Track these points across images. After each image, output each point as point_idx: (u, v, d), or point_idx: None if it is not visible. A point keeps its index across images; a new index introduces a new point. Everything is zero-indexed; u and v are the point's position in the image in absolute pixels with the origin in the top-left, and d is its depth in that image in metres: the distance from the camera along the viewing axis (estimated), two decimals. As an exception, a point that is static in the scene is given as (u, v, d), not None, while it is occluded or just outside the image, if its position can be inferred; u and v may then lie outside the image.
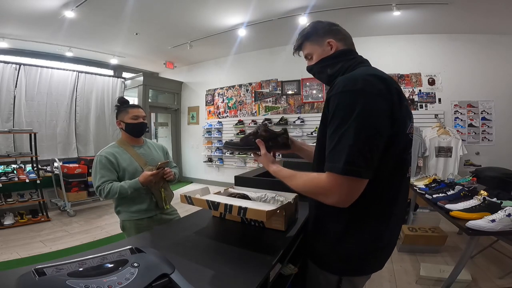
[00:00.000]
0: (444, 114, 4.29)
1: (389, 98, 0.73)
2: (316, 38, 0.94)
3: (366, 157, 0.69)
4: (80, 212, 4.27)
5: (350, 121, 0.68)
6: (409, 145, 0.83)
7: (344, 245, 0.83)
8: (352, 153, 0.67)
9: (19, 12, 3.55)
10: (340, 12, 3.62)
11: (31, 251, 2.85)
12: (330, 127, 0.73)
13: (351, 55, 0.92)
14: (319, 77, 0.98)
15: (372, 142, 0.70)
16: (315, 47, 0.95)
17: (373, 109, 0.70)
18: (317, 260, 0.92)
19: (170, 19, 4.07)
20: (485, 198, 1.90)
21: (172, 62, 6.37)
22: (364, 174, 0.68)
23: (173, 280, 0.55)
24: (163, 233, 1.12)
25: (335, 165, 0.69)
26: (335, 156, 0.70)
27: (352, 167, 0.68)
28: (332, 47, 0.92)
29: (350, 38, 0.96)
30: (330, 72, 0.92)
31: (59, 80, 5.00)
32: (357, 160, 0.68)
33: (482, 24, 3.88)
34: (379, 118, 0.71)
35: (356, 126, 0.68)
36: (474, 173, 3.28)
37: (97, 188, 1.54)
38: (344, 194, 0.71)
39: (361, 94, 0.70)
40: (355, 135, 0.68)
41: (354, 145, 0.68)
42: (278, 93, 5.44)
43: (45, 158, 4.59)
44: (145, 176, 1.54)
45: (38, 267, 0.53)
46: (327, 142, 0.74)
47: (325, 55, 0.92)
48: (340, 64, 0.89)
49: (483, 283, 2.11)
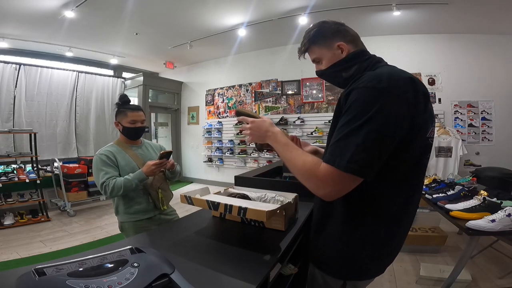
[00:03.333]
0: (444, 114, 4.29)
1: (413, 102, 0.69)
2: (324, 41, 0.89)
3: (373, 159, 0.66)
4: (80, 212, 4.27)
5: (364, 119, 0.65)
6: (428, 149, 0.78)
7: (350, 250, 0.80)
8: (358, 152, 0.65)
9: (19, 12, 3.55)
10: (340, 12, 3.62)
11: (31, 251, 2.85)
12: (343, 119, 0.70)
13: (365, 56, 0.87)
14: (333, 82, 0.94)
15: (382, 145, 0.66)
16: (324, 51, 0.89)
17: (392, 111, 0.66)
18: (320, 264, 0.90)
19: (170, 19, 4.07)
20: (485, 198, 1.90)
21: (172, 62, 6.37)
22: (366, 174, 0.66)
23: (173, 280, 0.55)
24: (163, 233, 1.12)
25: (337, 160, 0.66)
26: (339, 150, 0.67)
27: (355, 166, 0.65)
28: (343, 50, 0.87)
29: (358, 37, 0.92)
30: (345, 75, 0.87)
31: (59, 80, 5.00)
32: (362, 160, 0.65)
33: (482, 24, 3.88)
34: (396, 121, 0.66)
35: (369, 126, 0.65)
36: (474, 173, 3.28)
37: (101, 185, 1.50)
38: (337, 189, 0.69)
39: (384, 93, 0.67)
40: (366, 135, 0.65)
41: (362, 144, 0.64)
42: (278, 93, 5.44)
43: (45, 158, 4.59)
44: (148, 166, 1.53)
45: (38, 267, 0.53)
46: (335, 132, 0.71)
47: (336, 59, 0.87)
48: (356, 67, 0.85)
49: (483, 283, 2.11)
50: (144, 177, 1.53)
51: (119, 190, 1.48)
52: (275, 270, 0.87)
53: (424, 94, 0.73)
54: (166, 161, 1.59)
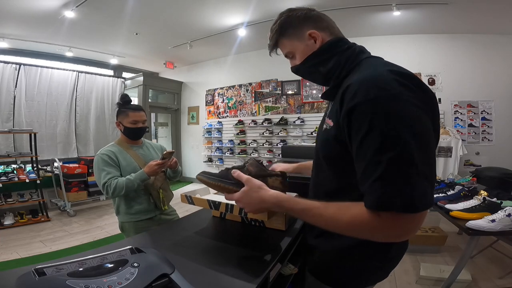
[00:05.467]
0: (444, 114, 4.29)
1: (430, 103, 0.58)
2: (293, 32, 0.77)
3: (433, 182, 0.54)
4: (80, 212, 4.27)
5: (403, 139, 0.51)
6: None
7: (352, 259, 0.74)
8: (420, 183, 0.51)
9: (19, 12, 3.55)
10: (340, 12, 3.62)
11: (31, 251, 2.85)
12: (366, 148, 0.55)
13: (344, 45, 0.74)
14: (311, 78, 0.83)
15: (432, 161, 0.55)
16: (295, 43, 0.77)
17: (422, 119, 0.55)
18: (319, 274, 0.83)
19: (170, 19, 4.07)
20: (485, 198, 1.91)
21: (172, 62, 6.37)
22: (433, 201, 0.55)
23: (173, 280, 0.55)
24: (163, 233, 1.12)
25: (400, 201, 0.50)
26: (400, 189, 0.51)
27: (425, 200, 0.51)
28: (315, 39, 0.75)
29: (334, 24, 0.79)
30: (323, 70, 0.75)
31: (59, 80, 5.00)
32: (428, 189, 0.52)
33: (482, 24, 3.88)
34: (429, 128, 0.56)
35: (414, 145, 0.51)
36: (474, 173, 3.28)
37: (103, 185, 1.50)
38: (412, 229, 0.55)
39: (405, 98, 0.54)
40: (423, 158, 0.52)
41: (419, 171, 0.51)
42: (278, 93, 5.44)
43: (45, 158, 4.59)
44: (150, 166, 1.52)
45: (38, 267, 0.53)
46: (370, 166, 0.54)
47: (310, 51, 0.75)
48: (335, 59, 0.73)
49: (483, 283, 2.10)
50: (146, 177, 1.53)
51: (121, 190, 1.48)
52: (275, 270, 0.87)
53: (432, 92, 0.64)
54: (168, 161, 1.59)
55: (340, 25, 0.82)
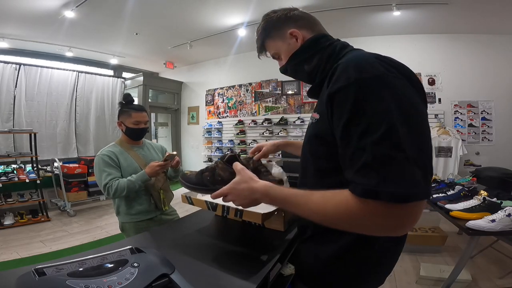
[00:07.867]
0: (444, 114, 4.29)
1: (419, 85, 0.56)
2: (276, 32, 0.79)
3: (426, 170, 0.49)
4: (80, 212, 4.27)
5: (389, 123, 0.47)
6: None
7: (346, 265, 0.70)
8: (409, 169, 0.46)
9: (19, 12, 3.55)
10: (340, 12, 3.62)
11: (31, 251, 2.85)
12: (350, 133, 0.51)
13: (326, 42, 0.74)
14: (298, 77, 0.83)
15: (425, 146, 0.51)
16: (279, 44, 0.79)
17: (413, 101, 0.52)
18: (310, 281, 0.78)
19: (170, 19, 4.07)
20: (485, 198, 1.90)
21: (172, 62, 6.37)
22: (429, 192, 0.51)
23: (173, 280, 0.55)
24: (163, 233, 1.12)
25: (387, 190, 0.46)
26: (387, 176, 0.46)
27: (416, 189, 0.47)
28: (297, 37, 0.76)
29: (316, 21, 0.80)
30: (308, 68, 0.75)
31: (59, 80, 5.01)
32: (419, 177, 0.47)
33: (482, 24, 3.88)
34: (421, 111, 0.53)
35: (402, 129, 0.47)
36: (474, 173, 3.28)
37: (104, 187, 1.49)
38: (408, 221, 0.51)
39: (389, 80, 0.51)
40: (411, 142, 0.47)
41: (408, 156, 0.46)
42: (278, 93, 5.44)
43: (45, 158, 4.59)
44: (152, 167, 1.52)
45: (38, 267, 0.53)
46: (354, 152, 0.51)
47: (293, 50, 0.77)
48: (318, 56, 0.73)
49: (483, 283, 2.10)
50: (147, 178, 1.52)
51: (122, 191, 1.48)
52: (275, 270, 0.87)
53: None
54: (169, 163, 1.60)
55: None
